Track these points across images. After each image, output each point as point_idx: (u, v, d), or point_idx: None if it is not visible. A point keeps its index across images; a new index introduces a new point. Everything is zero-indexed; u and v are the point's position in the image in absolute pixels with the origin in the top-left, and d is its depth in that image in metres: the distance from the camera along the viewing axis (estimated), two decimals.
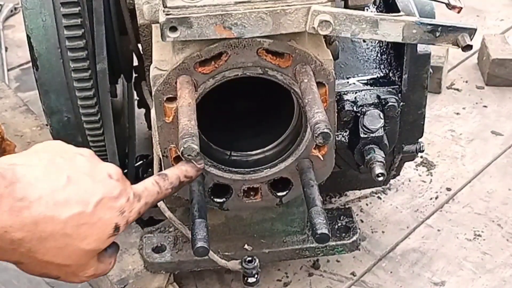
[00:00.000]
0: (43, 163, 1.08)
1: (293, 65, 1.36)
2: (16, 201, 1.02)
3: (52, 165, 1.08)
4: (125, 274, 1.76)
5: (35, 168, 1.07)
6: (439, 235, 2.03)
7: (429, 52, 1.54)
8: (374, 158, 1.56)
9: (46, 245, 1.06)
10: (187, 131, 1.20)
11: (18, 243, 1.04)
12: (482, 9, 3.02)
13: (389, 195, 2.16)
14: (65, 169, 1.09)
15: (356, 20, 1.32)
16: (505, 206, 2.11)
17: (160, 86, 1.36)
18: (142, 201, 1.17)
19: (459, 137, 2.38)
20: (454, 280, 1.91)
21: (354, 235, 1.78)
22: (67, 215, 1.06)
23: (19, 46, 2.87)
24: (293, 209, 1.72)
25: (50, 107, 1.67)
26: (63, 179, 1.07)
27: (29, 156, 1.10)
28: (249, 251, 1.74)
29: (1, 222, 1.01)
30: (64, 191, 1.07)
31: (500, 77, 2.57)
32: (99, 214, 1.09)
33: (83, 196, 1.08)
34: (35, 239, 1.05)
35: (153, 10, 1.41)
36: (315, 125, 1.20)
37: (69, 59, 1.58)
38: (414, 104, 1.61)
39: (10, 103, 2.31)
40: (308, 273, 1.92)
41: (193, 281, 1.90)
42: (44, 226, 1.04)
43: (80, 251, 1.10)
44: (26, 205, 1.03)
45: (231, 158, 1.55)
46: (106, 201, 1.10)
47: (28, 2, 1.57)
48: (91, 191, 1.09)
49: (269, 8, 1.28)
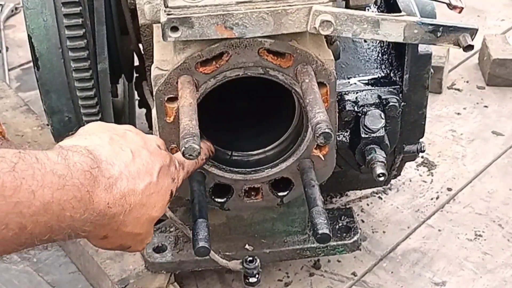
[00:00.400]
0: (106, 142, 1.13)
1: (294, 65, 1.36)
2: (106, 179, 1.08)
3: (114, 143, 1.14)
4: (126, 274, 1.76)
5: (104, 148, 1.12)
6: (440, 235, 2.03)
7: (430, 52, 1.54)
8: (375, 158, 1.56)
9: (130, 216, 1.12)
10: (188, 131, 1.20)
11: (113, 218, 1.10)
12: (483, 9, 3.02)
13: (390, 195, 2.16)
14: (125, 144, 1.15)
15: (357, 20, 1.32)
16: (506, 206, 2.11)
17: (161, 86, 1.36)
18: (185, 169, 1.30)
19: (460, 137, 2.38)
20: (455, 280, 1.91)
21: (355, 235, 1.78)
22: (142, 186, 1.13)
23: (20, 46, 2.87)
24: (294, 209, 1.72)
25: (51, 107, 1.67)
26: (128, 153, 1.14)
27: (89, 137, 1.14)
28: (250, 251, 1.74)
29: (103, 200, 1.07)
30: (134, 164, 1.13)
31: (501, 77, 2.57)
32: (161, 182, 1.18)
33: (147, 167, 1.16)
34: (124, 212, 1.11)
35: (154, 10, 1.41)
36: (316, 125, 1.20)
37: (70, 59, 1.58)
38: (415, 104, 1.62)
39: (11, 103, 2.31)
40: (309, 273, 1.92)
41: (194, 281, 1.90)
42: (129, 199, 1.11)
43: (151, 218, 1.18)
44: (113, 182, 1.09)
45: (232, 158, 1.55)
46: (163, 170, 1.20)
47: (29, 2, 1.57)
48: (152, 162, 1.17)
49: (271, 8, 1.28)
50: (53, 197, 0.98)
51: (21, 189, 0.94)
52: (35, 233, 0.97)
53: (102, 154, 1.10)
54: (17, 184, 0.93)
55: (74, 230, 1.03)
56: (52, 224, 0.99)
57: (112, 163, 1.10)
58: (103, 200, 1.07)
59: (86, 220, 1.04)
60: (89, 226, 1.06)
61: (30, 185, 0.95)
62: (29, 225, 0.96)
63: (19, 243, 0.97)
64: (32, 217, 0.95)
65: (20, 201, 0.93)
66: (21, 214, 0.94)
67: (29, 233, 0.96)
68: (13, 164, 0.94)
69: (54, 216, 0.98)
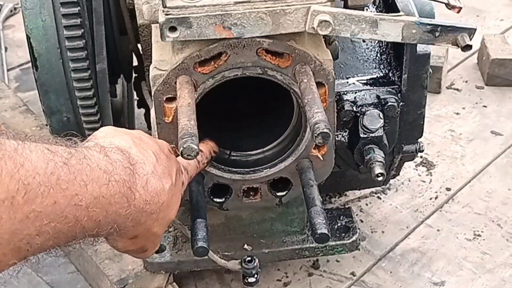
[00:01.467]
0: (131, 144, 1.14)
1: (293, 65, 1.36)
2: (142, 177, 1.09)
3: (137, 145, 1.15)
4: (125, 274, 1.76)
5: (132, 149, 1.13)
6: (439, 235, 2.03)
7: (429, 52, 1.54)
8: (373, 158, 1.56)
9: (159, 216, 1.14)
10: (186, 131, 1.20)
11: (149, 216, 1.11)
12: (482, 9, 3.02)
13: (389, 195, 2.16)
14: (146, 147, 1.16)
15: (355, 20, 1.32)
16: (505, 206, 2.11)
17: (159, 86, 1.36)
18: (189, 174, 1.32)
19: (459, 137, 2.38)
20: (454, 280, 1.91)
21: (354, 235, 1.78)
22: (168, 186, 1.15)
23: (19, 46, 2.87)
24: (292, 209, 1.72)
25: (50, 107, 1.67)
26: (152, 155, 1.15)
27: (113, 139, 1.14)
28: (248, 251, 1.74)
29: (142, 197, 1.08)
30: (159, 165, 1.15)
31: (500, 77, 2.57)
32: (177, 185, 1.21)
33: (168, 169, 1.17)
34: (156, 211, 1.12)
35: (152, 10, 1.41)
36: (314, 125, 1.20)
37: (68, 59, 1.58)
38: (413, 104, 1.61)
39: (10, 103, 2.31)
40: (307, 273, 1.92)
41: (193, 281, 1.90)
42: (160, 197, 1.13)
43: (169, 220, 1.20)
44: (148, 180, 1.10)
45: (231, 158, 1.55)
46: (178, 174, 1.22)
47: (27, 2, 1.57)
48: (170, 165, 1.19)
49: (269, 8, 1.28)
50: (101, 191, 1.00)
51: (75, 183, 0.95)
52: (87, 226, 0.99)
53: (133, 154, 1.12)
54: (71, 178, 0.95)
55: (118, 226, 1.05)
56: (100, 218, 1.00)
57: (144, 162, 1.12)
58: (142, 197, 1.08)
59: (129, 216, 1.06)
60: (130, 223, 1.08)
61: (82, 179, 0.97)
62: (83, 218, 0.97)
63: (71, 236, 0.98)
64: (85, 210, 0.97)
65: (75, 194, 0.95)
66: (77, 207, 0.96)
67: (82, 226, 0.98)
68: (66, 159, 0.96)
69: (103, 210, 1.00)
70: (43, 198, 0.90)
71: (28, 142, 0.92)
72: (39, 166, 0.90)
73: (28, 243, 0.91)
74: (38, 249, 0.94)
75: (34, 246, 0.92)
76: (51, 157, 0.93)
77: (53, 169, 0.92)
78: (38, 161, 0.91)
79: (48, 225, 0.92)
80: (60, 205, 0.93)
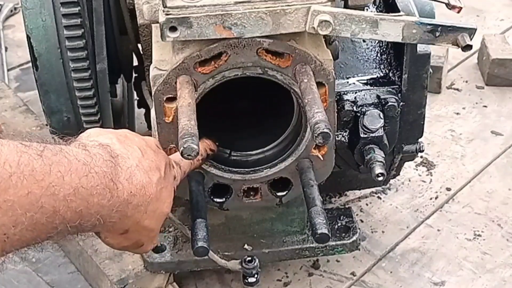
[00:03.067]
0: (115, 140, 1.15)
1: (293, 65, 1.36)
2: (125, 170, 1.11)
3: (121, 142, 1.16)
4: (125, 274, 1.76)
5: (115, 145, 1.14)
6: (439, 235, 2.03)
7: (429, 52, 1.54)
8: (374, 158, 1.56)
9: (148, 209, 1.16)
10: (187, 131, 1.20)
11: (136, 209, 1.12)
12: (482, 9, 3.02)
13: (389, 195, 2.16)
14: (131, 143, 1.18)
15: (356, 20, 1.32)
16: (505, 206, 2.11)
17: (160, 86, 1.36)
18: (182, 169, 1.33)
19: (459, 137, 2.38)
20: (454, 280, 1.91)
21: (354, 235, 1.78)
22: (155, 179, 1.16)
23: (19, 46, 2.87)
24: (293, 209, 1.72)
25: (50, 107, 1.67)
26: (138, 150, 1.17)
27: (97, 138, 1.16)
28: (249, 251, 1.74)
29: (126, 189, 1.10)
30: (144, 160, 1.16)
31: (500, 77, 2.57)
32: (167, 178, 1.22)
33: (156, 163, 1.19)
34: (143, 203, 1.14)
35: (153, 10, 1.41)
36: (315, 125, 1.20)
37: (69, 59, 1.58)
38: (414, 104, 1.61)
39: (10, 103, 2.31)
40: (308, 273, 1.92)
41: (193, 281, 1.90)
42: (147, 190, 1.14)
43: (163, 214, 1.21)
44: (132, 173, 1.12)
45: (231, 158, 1.55)
46: (167, 167, 1.23)
47: (28, 2, 1.57)
48: (158, 159, 1.20)
49: (269, 8, 1.28)
50: (80, 183, 1.01)
51: (51, 174, 0.97)
52: (67, 217, 1.00)
53: (116, 148, 1.13)
54: (46, 169, 0.97)
55: (102, 218, 1.06)
56: (82, 209, 1.02)
57: (127, 157, 1.13)
58: (126, 189, 1.10)
59: (113, 208, 1.08)
60: (115, 216, 1.09)
61: (58, 170, 0.98)
62: (61, 208, 0.98)
63: (52, 227, 0.99)
64: (63, 200, 0.98)
65: (52, 184, 0.97)
66: (54, 197, 0.97)
67: (61, 216, 0.99)
68: (40, 151, 0.97)
69: (83, 201, 1.01)
70: (16, 189, 0.92)
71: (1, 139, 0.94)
72: (11, 158, 0.92)
73: (5, 234, 0.93)
74: (17, 241, 0.96)
75: (11, 237, 0.94)
76: (24, 150, 0.95)
77: (26, 161, 0.94)
78: (9, 154, 0.93)
79: (23, 215, 0.93)
80: (35, 195, 0.94)
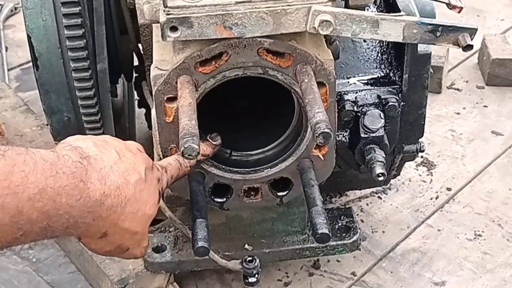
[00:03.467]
0: (90, 144, 1.15)
1: (294, 65, 1.36)
2: (98, 171, 1.10)
3: (98, 146, 1.16)
4: (126, 274, 1.76)
5: (90, 148, 1.14)
6: (439, 235, 2.03)
7: (430, 52, 1.54)
8: (374, 158, 1.56)
9: (126, 210, 1.15)
10: (187, 131, 1.20)
11: (110, 209, 1.12)
12: (482, 9, 3.02)
13: (390, 195, 2.16)
14: (109, 147, 1.17)
15: (356, 20, 1.32)
16: (506, 206, 2.11)
17: (160, 86, 1.36)
18: (169, 174, 1.32)
19: (460, 137, 2.38)
20: (455, 280, 1.91)
21: (355, 235, 1.78)
22: (134, 180, 1.16)
23: (19, 45, 2.87)
24: (293, 209, 1.72)
25: (51, 106, 1.67)
26: (114, 153, 1.17)
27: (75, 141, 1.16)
28: (249, 251, 1.74)
29: (98, 189, 1.09)
30: (121, 162, 1.16)
31: (501, 77, 2.57)
32: (149, 180, 1.21)
33: (134, 165, 1.19)
34: (120, 204, 1.13)
35: (153, 10, 1.41)
36: (315, 125, 1.20)
37: (69, 59, 1.58)
38: (414, 104, 1.61)
39: (10, 103, 2.31)
40: (308, 273, 1.92)
41: (193, 281, 1.90)
42: (123, 191, 1.14)
43: (146, 216, 1.20)
44: (105, 174, 1.11)
45: (232, 158, 1.55)
46: (148, 169, 1.23)
47: (28, 2, 1.57)
48: (137, 162, 1.20)
49: (270, 8, 1.28)
50: (46, 183, 1.00)
51: (13, 173, 0.96)
52: (33, 218, 0.99)
53: (89, 151, 1.13)
54: (8, 169, 0.96)
55: (72, 219, 1.05)
56: (48, 209, 1.01)
57: (101, 158, 1.13)
58: (99, 189, 1.09)
59: (84, 208, 1.06)
60: (88, 216, 1.07)
61: (22, 170, 0.98)
62: (25, 209, 0.98)
63: (17, 227, 0.98)
64: (28, 201, 0.98)
65: (14, 184, 0.96)
66: (16, 197, 0.97)
67: (26, 217, 0.98)
68: (3, 152, 0.97)
69: (50, 201, 1.01)
70: None
71: None
72: None
73: None
74: None
75: None
76: None
77: None
78: None
79: None
80: None
